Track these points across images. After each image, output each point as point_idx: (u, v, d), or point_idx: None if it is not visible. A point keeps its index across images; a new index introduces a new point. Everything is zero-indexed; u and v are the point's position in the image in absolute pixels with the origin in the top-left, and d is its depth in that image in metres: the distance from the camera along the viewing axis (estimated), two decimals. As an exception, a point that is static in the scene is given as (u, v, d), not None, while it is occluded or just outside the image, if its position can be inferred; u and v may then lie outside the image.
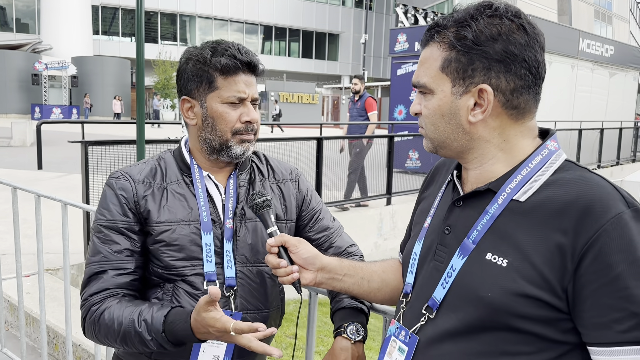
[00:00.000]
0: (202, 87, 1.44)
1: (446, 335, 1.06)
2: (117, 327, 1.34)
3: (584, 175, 1.02)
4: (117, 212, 1.43)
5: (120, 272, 1.41)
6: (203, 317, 1.22)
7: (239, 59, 1.41)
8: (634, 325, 0.91)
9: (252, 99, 1.45)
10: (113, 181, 1.47)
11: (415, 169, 12.50)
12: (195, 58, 1.44)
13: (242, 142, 1.46)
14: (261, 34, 47.23)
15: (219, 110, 1.43)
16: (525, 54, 1.02)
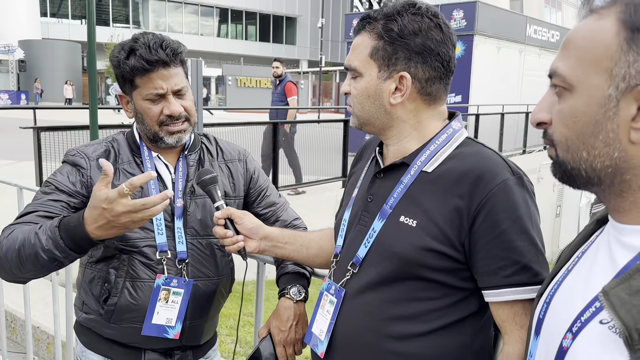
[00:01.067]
0: (127, 86, 1.55)
1: (367, 286, 1.24)
2: (16, 238, 1.35)
3: (480, 149, 1.22)
4: (68, 180, 1.53)
5: (48, 215, 1.43)
6: (94, 196, 1.25)
7: (147, 60, 1.47)
8: (516, 271, 1.12)
9: (172, 91, 1.52)
10: (70, 158, 1.58)
11: (370, 152, 12.77)
12: (114, 61, 1.54)
13: (171, 134, 1.55)
14: (217, 16, 46.45)
15: (142, 106, 1.54)
16: (440, 49, 1.21)
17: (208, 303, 1.65)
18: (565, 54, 0.82)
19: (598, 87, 0.77)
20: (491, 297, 1.15)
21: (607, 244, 0.83)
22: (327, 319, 1.31)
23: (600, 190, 0.82)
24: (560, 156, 0.83)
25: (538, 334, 0.91)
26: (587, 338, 0.77)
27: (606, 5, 0.79)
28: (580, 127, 0.79)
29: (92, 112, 4.52)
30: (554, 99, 0.84)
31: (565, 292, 0.87)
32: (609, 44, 0.76)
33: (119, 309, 1.54)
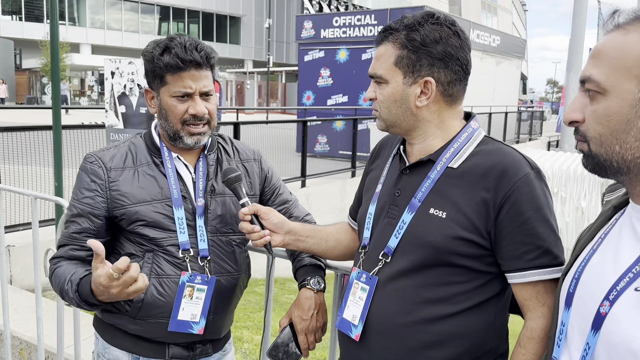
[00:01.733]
0: (156, 82, 1.61)
1: (400, 273, 1.35)
2: (59, 282, 1.56)
3: (500, 147, 1.35)
4: (87, 196, 1.59)
5: (77, 248, 1.61)
6: (93, 276, 1.42)
7: (182, 59, 1.54)
8: (539, 255, 1.26)
9: (200, 92, 1.59)
10: (88, 166, 1.62)
11: (324, 153, 12.96)
12: (148, 56, 1.59)
13: (192, 135, 1.61)
14: (158, 14, 45.36)
15: (168, 103, 1.59)
16: (459, 54, 1.33)
17: (229, 297, 1.71)
18: (596, 62, 0.96)
19: (629, 91, 0.91)
20: (516, 279, 1.28)
21: (630, 225, 0.98)
22: (360, 305, 1.40)
23: (627, 179, 0.97)
24: (594, 150, 0.97)
25: (569, 305, 1.04)
26: (624, 303, 0.91)
27: (629, 22, 0.94)
28: (614, 125, 0.93)
29: (55, 112, 4.39)
30: (586, 101, 0.98)
31: (595, 268, 1.01)
32: (638, 54, 0.90)
33: (146, 305, 1.58)
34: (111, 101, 3.94)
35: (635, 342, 0.87)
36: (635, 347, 0.87)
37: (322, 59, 13.95)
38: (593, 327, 0.95)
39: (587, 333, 0.97)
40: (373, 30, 13.37)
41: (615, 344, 0.91)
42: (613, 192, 1.16)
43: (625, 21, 0.95)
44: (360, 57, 13.52)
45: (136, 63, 3.87)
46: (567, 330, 1.04)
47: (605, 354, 0.93)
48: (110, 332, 1.65)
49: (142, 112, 3.88)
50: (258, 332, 4.75)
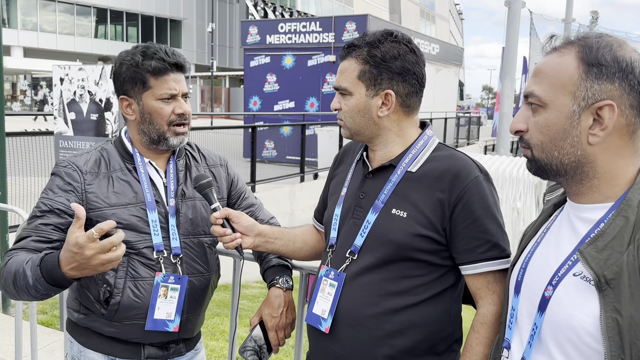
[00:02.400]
0: (137, 87, 1.66)
1: (366, 269, 1.48)
2: (11, 270, 1.48)
3: (453, 152, 1.51)
4: (61, 195, 1.61)
5: (40, 239, 1.55)
6: (67, 240, 1.36)
7: (167, 61, 1.64)
8: (489, 248, 1.41)
9: (182, 93, 1.70)
10: (62, 169, 1.65)
11: (271, 158, 13.02)
12: (128, 62, 1.66)
13: (177, 135, 1.70)
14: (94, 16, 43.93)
15: (154, 106, 1.66)
16: (415, 69, 1.48)
17: (202, 297, 1.78)
18: (538, 80, 1.13)
19: (565, 105, 1.08)
20: (469, 271, 1.44)
21: (568, 220, 1.15)
22: (329, 300, 1.52)
23: (565, 180, 1.14)
24: (536, 155, 1.14)
25: (518, 292, 1.20)
26: (565, 287, 1.07)
27: (564, 45, 1.11)
28: (553, 134, 1.09)
29: None
30: (529, 113, 1.14)
31: (540, 258, 1.17)
32: (572, 74, 1.07)
33: (122, 307, 1.63)
34: (60, 108, 3.88)
35: (575, 320, 1.03)
36: (575, 324, 1.03)
37: (268, 65, 14.04)
38: (539, 310, 1.11)
39: (534, 315, 1.12)
40: (318, 37, 13.60)
41: (559, 323, 1.07)
42: (553, 192, 1.33)
43: (561, 45, 1.12)
44: (306, 64, 13.72)
45: (86, 70, 3.83)
46: (517, 314, 1.19)
47: (550, 332, 1.09)
48: (85, 335, 1.68)
49: (92, 119, 3.84)
50: (212, 338, 4.77)
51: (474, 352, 1.40)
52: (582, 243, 1.07)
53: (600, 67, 1.05)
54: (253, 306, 6.12)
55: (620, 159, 1.08)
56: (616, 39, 1.09)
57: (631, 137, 1.07)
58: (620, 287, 0.98)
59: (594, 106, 1.05)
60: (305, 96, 13.68)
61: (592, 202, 1.11)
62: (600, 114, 1.05)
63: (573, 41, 1.10)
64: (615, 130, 1.06)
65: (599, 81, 1.05)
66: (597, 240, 1.03)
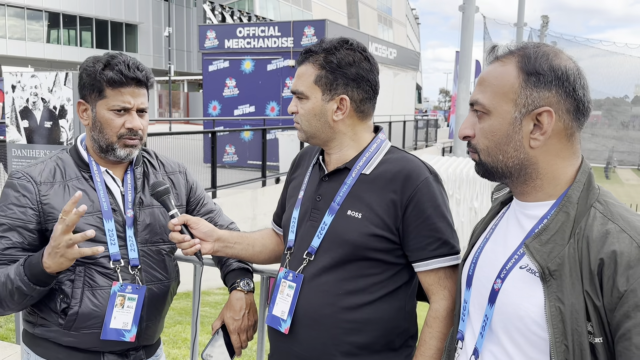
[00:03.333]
0: (94, 95, 1.67)
1: (323, 269, 1.52)
2: None
3: (404, 155, 1.57)
4: (16, 210, 1.61)
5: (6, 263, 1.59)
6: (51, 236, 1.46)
7: (125, 75, 1.64)
8: (439, 245, 1.48)
9: (137, 108, 1.69)
10: (15, 182, 1.63)
11: (232, 163, 12.95)
12: (89, 70, 1.66)
13: (125, 147, 1.69)
14: (46, 20, 42.65)
15: (105, 116, 1.66)
16: (369, 76, 1.54)
17: (161, 304, 1.79)
18: (482, 89, 1.20)
19: (508, 112, 1.15)
20: (421, 267, 1.50)
21: (514, 217, 1.23)
22: (288, 301, 1.56)
23: (510, 181, 1.21)
24: (483, 159, 1.21)
25: (470, 285, 1.27)
26: (512, 280, 1.14)
27: (506, 55, 1.19)
28: (498, 139, 1.17)
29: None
30: (475, 119, 1.21)
31: (489, 253, 1.24)
32: (512, 82, 1.15)
33: (81, 317, 1.62)
34: (12, 116, 3.78)
35: (522, 309, 1.11)
36: (522, 313, 1.11)
37: (227, 69, 13.96)
38: (489, 301, 1.18)
39: (484, 307, 1.20)
40: (277, 41, 13.62)
41: (507, 313, 1.14)
42: (500, 191, 1.42)
43: (503, 54, 1.20)
44: (266, 68, 13.71)
45: (39, 76, 3.75)
46: (469, 307, 1.26)
47: (500, 322, 1.16)
48: (43, 345, 1.66)
49: (46, 127, 3.76)
50: (175, 346, 4.72)
51: (428, 346, 1.46)
52: (527, 237, 1.15)
53: (538, 76, 1.12)
54: (215, 312, 6.08)
55: (560, 160, 1.16)
56: (552, 49, 1.17)
57: (569, 140, 1.15)
58: (562, 277, 1.06)
59: (533, 112, 1.13)
60: (266, 100, 13.67)
61: (536, 200, 1.18)
62: (539, 119, 1.13)
63: (513, 51, 1.18)
64: (554, 134, 1.13)
65: (538, 89, 1.12)
66: (541, 235, 1.11)
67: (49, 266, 1.47)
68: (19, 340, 3.63)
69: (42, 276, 1.50)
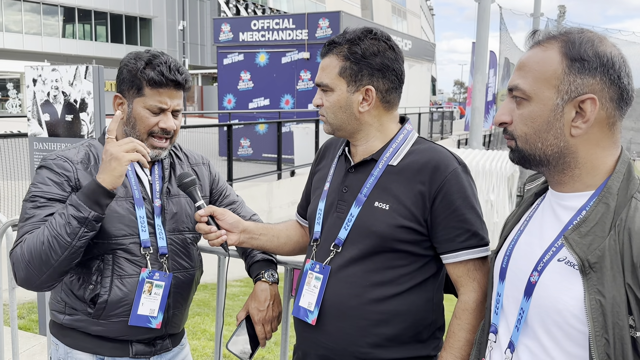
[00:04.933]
0: (132, 91, 1.68)
1: (350, 261, 1.52)
2: (37, 236, 1.51)
3: (432, 146, 1.56)
4: (55, 186, 1.61)
5: None
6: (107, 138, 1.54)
7: (166, 77, 1.65)
8: (468, 237, 1.47)
9: (173, 110, 1.71)
10: (51, 162, 1.65)
11: (247, 156, 12.99)
12: (130, 65, 1.67)
13: (153, 148, 1.70)
14: (62, 15, 43.00)
15: (141, 113, 1.68)
16: (394, 65, 1.52)
17: (186, 292, 1.81)
18: (522, 74, 1.17)
19: (549, 98, 1.12)
20: (450, 259, 1.49)
21: (550, 208, 1.20)
22: (315, 293, 1.55)
23: (547, 170, 1.19)
24: (520, 146, 1.19)
25: (503, 278, 1.25)
26: (550, 272, 1.12)
27: (547, 40, 1.16)
28: (537, 126, 1.14)
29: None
30: (513, 105, 1.18)
31: (524, 245, 1.22)
32: (555, 68, 1.12)
33: (110, 305, 1.64)
34: (34, 109, 3.82)
35: (561, 303, 1.09)
36: (561, 307, 1.09)
37: (241, 62, 13.97)
38: (525, 294, 1.16)
39: (520, 300, 1.18)
40: (292, 34, 13.58)
41: (545, 307, 1.12)
42: (533, 181, 1.39)
43: (544, 39, 1.16)
44: (280, 61, 13.70)
45: (60, 70, 3.77)
46: (503, 299, 1.25)
47: (537, 316, 1.14)
48: (72, 335, 1.69)
49: (67, 120, 3.79)
50: (194, 337, 4.76)
51: (457, 338, 1.45)
52: (565, 229, 1.13)
53: (582, 62, 1.09)
54: (233, 304, 6.12)
55: (600, 150, 1.13)
56: (597, 35, 1.13)
57: (610, 129, 1.13)
58: (602, 270, 1.04)
59: (576, 99, 1.10)
60: (280, 93, 13.67)
61: (573, 191, 1.16)
62: (582, 107, 1.10)
63: (556, 36, 1.15)
64: (596, 123, 1.11)
65: (582, 75, 1.09)
66: (581, 227, 1.09)
67: (104, 179, 1.50)
68: (43, 332, 3.69)
69: (96, 193, 1.49)
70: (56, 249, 1.49)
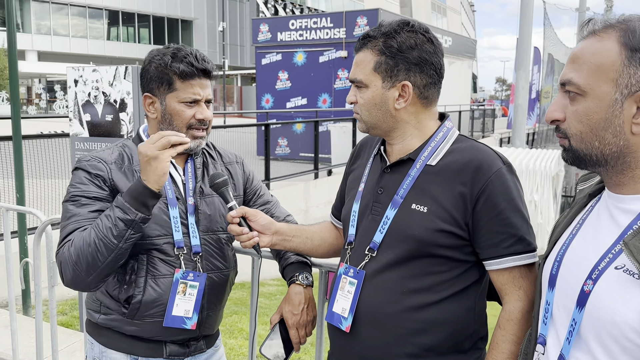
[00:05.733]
0: (163, 87, 1.65)
1: (386, 266, 1.44)
2: (84, 236, 1.50)
3: (473, 144, 1.47)
4: (93, 186, 1.61)
5: None
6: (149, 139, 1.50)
7: (195, 67, 1.63)
8: (514, 242, 1.37)
9: (205, 99, 1.69)
10: (86, 163, 1.65)
11: (285, 156, 13.02)
12: (157, 62, 1.65)
13: (195, 138, 1.69)
14: (106, 19, 44.29)
15: (176, 108, 1.66)
16: (433, 59, 1.44)
17: (221, 293, 1.78)
18: (575, 67, 1.07)
19: (607, 93, 1.02)
20: (494, 266, 1.39)
21: (607, 211, 1.10)
22: (349, 298, 1.49)
23: (604, 170, 1.09)
24: (574, 145, 1.08)
25: (553, 286, 1.15)
26: (606, 281, 1.02)
27: (603, 29, 1.05)
28: (594, 123, 1.04)
29: (15, 122, 4.31)
30: (566, 101, 1.09)
31: (576, 251, 1.12)
32: (614, 60, 1.02)
33: (144, 305, 1.62)
34: (75, 110, 3.89)
35: (619, 315, 0.98)
36: (619, 320, 0.99)
37: (279, 62, 14.02)
38: (578, 305, 1.06)
39: (572, 310, 1.07)
40: (329, 32, 13.53)
41: (600, 318, 1.02)
42: (586, 181, 1.28)
43: (600, 28, 1.06)
44: (318, 60, 13.67)
45: (100, 71, 3.83)
46: (552, 309, 1.15)
47: (591, 328, 1.04)
48: (107, 335, 1.68)
49: (107, 120, 3.85)
50: (231, 336, 4.77)
51: (501, 350, 1.36)
52: (624, 234, 1.02)
53: None
54: (270, 304, 6.12)
55: None
56: None
57: None
58: None
59: (638, 94, 1.00)
60: (318, 92, 13.64)
61: (634, 193, 1.06)
62: None
63: (613, 24, 1.04)
64: None
65: None
66: None
67: (147, 179, 1.48)
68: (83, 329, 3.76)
69: (142, 195, 1.48)
70: (103, 251, 1.49)
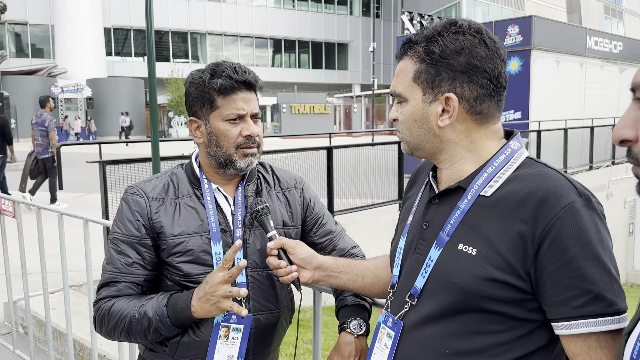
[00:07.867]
0: (205, 108, 1.55)
1: (427, 319, 1.18)
2: (122, 315, 1.48)
3: (542, 170, 1.14)
4: (132, 227, 1.55)
5: (131, 285, 1.54)
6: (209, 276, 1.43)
7: (235, 79, 1.51)
8: (587, 301, 1.03)
9: (251, 114, 1.55)
10: (129, 197, 1.60)
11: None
12: (196, 82, 1.56)
13: (245, 157, 1.56)
14: (271, 47, 47.65)
15: (220, 128, 1.54)
16: (486, 65, 1.15)
17: (270, 336, 1.62)
18: None
19: None
20: (562, 330, 1.06)
21: None
22: (385, 354, 1.25)
23: None
24: None
25: None
26: None
27: None
28: None
29: (154, 144, 4.68)
30: (639, 114, 0.77)
31: None
32: None
33: (182, 345, 1.53)
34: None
35: None
36: None
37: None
38: None
39: None
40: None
41: None
42: None
43: None
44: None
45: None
46: None
47: None
48: None
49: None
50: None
51: None
52: None
53: None
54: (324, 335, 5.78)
55: None
56: None
57: None
58: None
59: None
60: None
61: None
62: None
63: None
64: None
65: None
66: None
67: (196, 311, 1.42)
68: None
69: (186, 321, 1.47)
70: (135, 339, 1.52)
